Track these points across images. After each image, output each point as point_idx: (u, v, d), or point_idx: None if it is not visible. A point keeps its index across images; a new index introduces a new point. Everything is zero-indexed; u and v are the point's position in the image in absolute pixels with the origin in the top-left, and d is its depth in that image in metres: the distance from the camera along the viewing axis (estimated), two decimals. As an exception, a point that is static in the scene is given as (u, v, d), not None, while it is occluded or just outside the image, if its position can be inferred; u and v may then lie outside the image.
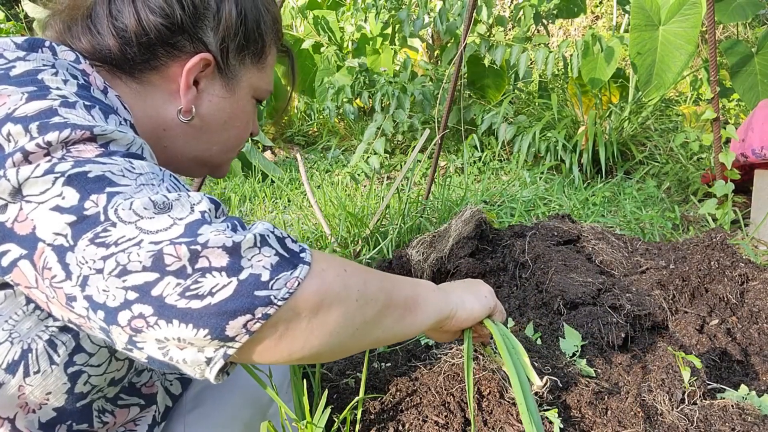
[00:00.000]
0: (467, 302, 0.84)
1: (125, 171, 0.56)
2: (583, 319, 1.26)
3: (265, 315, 0.52)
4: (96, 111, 0.61)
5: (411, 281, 0.75)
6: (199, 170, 0.91)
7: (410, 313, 0.70)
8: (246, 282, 0.51)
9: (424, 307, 0.73)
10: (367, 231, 2.07)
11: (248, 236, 0.53)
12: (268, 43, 0.86)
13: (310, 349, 0.58)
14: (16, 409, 0.67)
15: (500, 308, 0.91)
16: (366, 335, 0.64)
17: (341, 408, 1.08)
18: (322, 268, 0.58)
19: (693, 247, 1.46)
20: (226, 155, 0.91)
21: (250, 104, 0.89)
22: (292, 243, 0.58)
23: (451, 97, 2.30)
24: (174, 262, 0.50)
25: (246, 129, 0.90)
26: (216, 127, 0.85)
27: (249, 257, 0.53)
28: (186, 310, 0.50)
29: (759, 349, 1.20)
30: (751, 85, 3.26)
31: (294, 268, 0.55)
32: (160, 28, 0.75)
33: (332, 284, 0.58)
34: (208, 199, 0.57)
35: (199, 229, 0.52)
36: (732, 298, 1.30)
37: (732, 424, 0.91)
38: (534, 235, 1.62)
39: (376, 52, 4.70)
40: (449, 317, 0.80)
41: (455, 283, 0.89)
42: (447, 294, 0.81)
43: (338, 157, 4.41)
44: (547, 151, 3.54)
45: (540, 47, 3.59)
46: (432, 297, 0.76)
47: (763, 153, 2.16)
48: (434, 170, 2.45)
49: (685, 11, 3.34)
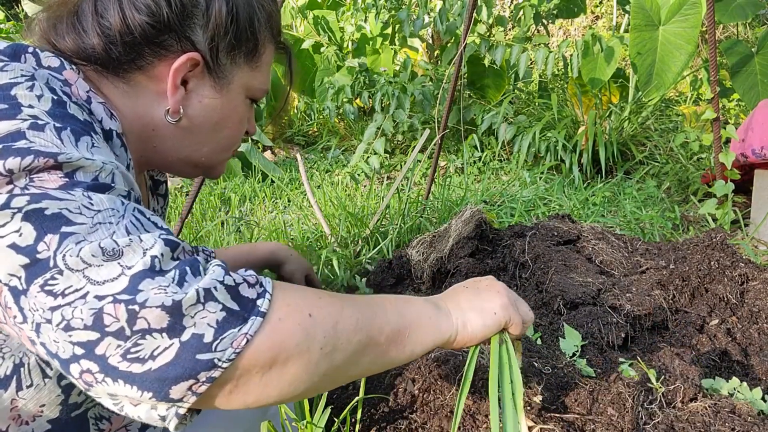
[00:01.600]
0: (471, 323, 0.74)
1: (82, 208, 0.53)
2: (583, 319, 1.26)
3: (209, 378, 0.50)
4: (66, 134, 0.59)
5: (402, 306, 0.68)
6: (192, 171, 0.89)
7: (396, 347, 0.65)
8: (188, 344, 0.49)
9: (415, 337, 0.67)
10: (367, 231, 2.07)
11: (190, 293, 0.50)
12: (261, 42, 0.83)
13: (267, 399, 0.55)
14: (9, 422, 0.66)
15: (518, 320, 0.79)
16: (337, 377, 0.60)
17: (341, 408, 1.08)
18: (280, 317, 0.54)
19: (693, 247, 1.46)
20: (219, 156, 0.89)
21: (243, 104, 0.86)
22: (248, 289, 0.54)
23: (451, 97, 2.30)
24: (113, 323, 0.48)
25: (239, 130, 0.88)
26: (206, 128, 0.83)
27: (192, 315, 0.50)
28: (128, 373, 0.48)
29: (759, 349, 1.20)
30: (751, 85, 3.26)
31: (243, 323, 0.52)
32: (145, 27, 0.73)
33: (290, 336, 0.54)
34: (163, 240, 0.54)
35: (141, 284, 0.49)
36: (732, 298, 1.30)
37: (732, 425, 0.91)
38: (534, 235, 1.62)
39: (376, 52, 4.70)
40: (448, 341, 0.73)
41: (464, 292, 0.79)
42: (447, 315, 0.73)
43: (338, 157, 4.41)
44: (547, 151, 3.54)
45: (540, 47, 3.59)
46: (426, 323, 0.70)
47: (763, 153, 2.16)
48: (434, 170, 2.45)
49: (685, 11, 3.34)
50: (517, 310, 0.79)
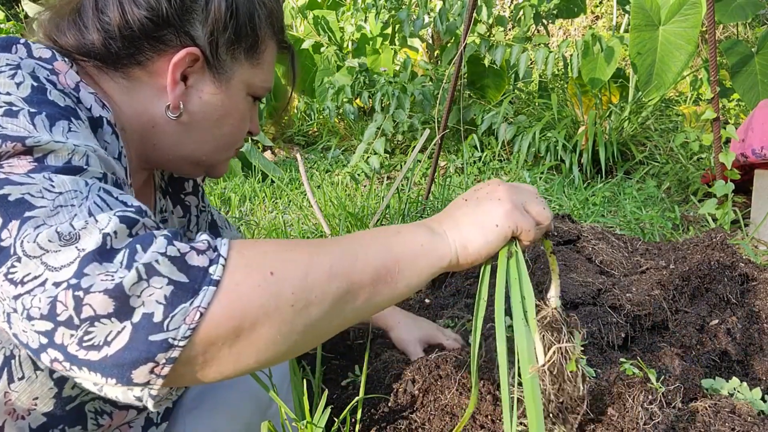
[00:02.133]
0: (471, 241, 0.67)
1: (44, 191, 0.52)
2: (583, 319, 1.26)
3: (169, 359, 0.47)
4: (41, 118, 0.58)
5: (388, 238, 0.63)
6: (194, 170, 0.89)
7: (387, 285, 0.61)
8: (140, 326, 0.47)
9: (408, 269, 0.62)
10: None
11: (131, 272, 0.47)
12: (262, 38, 0.82)
13: (246, 367, 0.53)
14: (5, 417, 0.66)
15: (528, 225, 0.69)
16: (323, 330, 0.57)
17: (341, 408, 1.08)
18: (236, 281, 0.51)
19: (693, 247, 1.46)
20: (221, 155, 0.87)
21: (244, 102, 0.85)
22: (197, 257, 0.51)
23: (451, 97, 2.30)
24: (63, 312, 0.47)
25: (241, 127, 0.86)
26: (207, 125, 0.82)
27: (138, 294, 0.47)
28: (87, 361, 0.47)
29: (759, 349, 1.20)
30: (751, 85, 3.26)
31: (194, 295, 0.48)
32: (144, 22, 0.73)
33: (251, 301, 0.51)
34: (119, 217, 0.51)
35: (87, 267, 0.47)
36: (732, 298, 1.30)
37: (732, 425, 0.91)
38: (534, 235, 1.62)
39: (376, 52, 4.70)
40: (449, 266, 0.67)
41: (462, 206, 0.70)
42: (443, 238, 0.67)
43: (338, 157, 4.41)
44: (547, 151, 3.54)
45: (540, 47, 3.59)
46: (419, 252, 0.64)
47: (763, 153, 2.16)
48: (434, 170, 2.45)
49: (685, 11, 3.34)
50: (526, 214, 0.70)
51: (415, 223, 0.69)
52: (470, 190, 0.74)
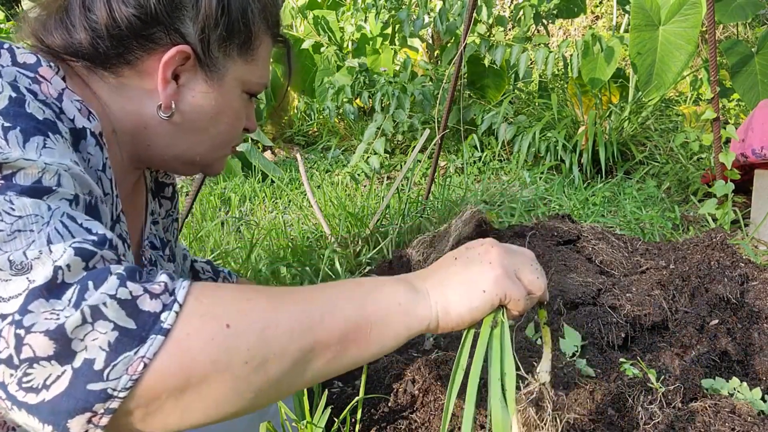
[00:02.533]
0: (454, 305, 0.62)
1: (3, 214, 0.50)
2: (583, 319, 1.26)
3: (108, 410, 0.45)
4: (14, 133, 0.55)
5: (364, 295, 0.59)
6: (189, 169, 0.87)
7: (356, 346, 0.56)
8: (80, 372, 0.44)
9: (381, 331, 0.58)
10: (367, 231, 2.07)
11: (75, 314, 0.45)
12: (256, 34, 0.80)
13: (192, 421, 0.49)
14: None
15: (518, 294, 0.64)
16: (283, 389, 0.53)
17: (341, 408, 1.08)
18: (188, 332, 0.47)
19: (693, 247, 1.46)
20: (216, 153, 0.85)
21: (239, 99, 0.82)
22: (149, 301, 0.48)
23: (451, 97, 2.30)
24: (4, 349, 0.44)
25: (236, 126, 0.84)
26: (200, 124, 0.80)
27: (81, 337, 0.45)
28: (25, 403, 0.45)
29: (759, 349, 1.20)
30: (751, 85, 3.26)
31: (140, 344, 0.46)
32: (132, 20, 0.71)
33: (200, 355, 0.47)
34: (74, 249, 0.49)
35: (32, 304, 0.45)
36: (732, 298, 1.30)
37: (732, 425, 0.91)
38: (534, 235, 1.62)
39: (376, 52, 4.70)
40: (428, 329, 0.62)
41: (451, 264, 0.66)
42: (425, 298, 0.62)
43: (338, 157, 4.41)
44: (547, 151, 3.54)
45: (540, 47, 3.59)
46: (396, 312, 0.59)
47: (763, 153, 2.16)
48: (434, 170, 2.45)
49: (685, 11, 3.34)
50: (517, 282, 0.65)
51: (398, 277, 0.64)
52: (462, 247, 0.69)
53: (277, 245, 2.09)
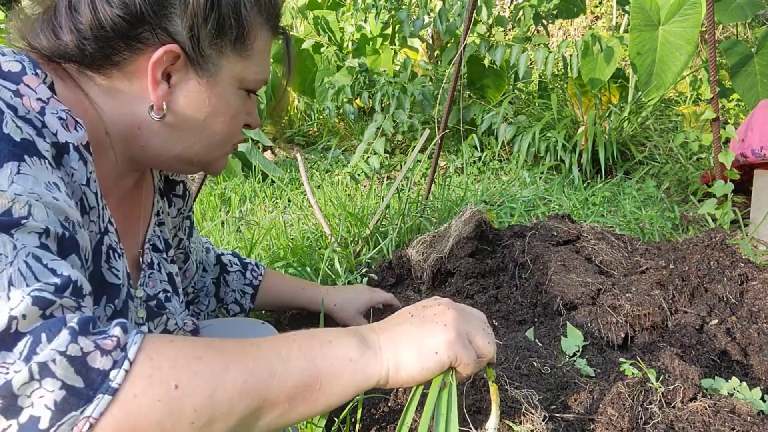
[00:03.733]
0: (405, 364, 0.63)
1: None
2: (583, 319, 1.26)
3: None
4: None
5: (315, 351, 0.59)
6: (188, 168, 0.85)
7: (304, 403, 0.57)
8: (25, 428, 0.44)
9: (330, 387, 0.58)
10: (367, 231, 2.07)
11: (23, 371, 0.44)
12: (250, 28, 0.77)
13: None
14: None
15: (468, 359, 0.65)
16: None
17: (341, 408, 1.08)
18: (135, 393, 0.47)
19: (693, 247, 1.46)
20: (214, 152, 0.83)
21: (236, 96, 0.80)
22: (100, 358, 0.47)
23: (451, 97, 2.31)
24: None
25: (233, 124, 0.82)
26: (195, 124, 0.78)
27: (28, 394, 0.44)
28: None
29: (759, 349, 1.20)
30: (750, 85, 3.26)
31: (87, 403, 0.45)
32: (117, 21, 0.69)
33: (147, 416, 0.47)
34: (32, 298, 0.48)
35: None
36: (732, 298, 1.30)
37: (732, 425, 0.91)
38: (534, 235, 1.62)
39: (376, 52, 4.70)
40: (377, 385, 0.63)
41: (406, 322, 0.67)
42: (376, 355, 0.62)
43: (338, 157, 4.41)
44: (547, 151, 3.55)
45: (540, 47, 3.59)
46: (346, 369, 0.60)
47: (763, 153, 2.16)
48: (434, 170, 2.45)
49: (684, 11, 3.34)
50: (469, 346, 0.67)
51: (353, 329, 0.64)
52: (419, 304, 0.71)
53: (277, 245, 2.09)
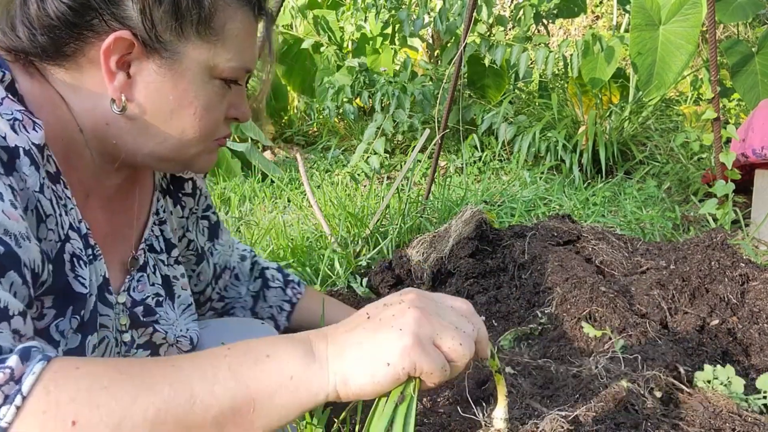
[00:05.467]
0: (354, 377, 0.54)
1: None
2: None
3: None
4: None
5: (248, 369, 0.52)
6: (168, 166, 0.79)
7: (235, 427, 0.50)
8: None
9: (267, 409, 0.51)
10: (367, 231, 2.07)
11: None
12: (215, 8, 0.70)
13: None
14: None
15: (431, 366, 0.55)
16: None
17: (341, 408, 1.08)
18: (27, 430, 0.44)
19: (693, 247, 1.46)
20: (191, 149, 0.77)
21: (207, 87, 0.73)
22: None
23: (451, 97, 2.30)
24: None
25: (210, 117, 0.75)
26: (161, 118, 0.72)
27: None
28: None
29: (759, 349, 1.20)
30: (751, 85, 3.25)
31: None
32: (62, 9, 0.66)
33: None
34: None
35: None
36: (732, 298, 1.30)
37: (732, 424, 0.91)
38: (534, 235, 1.62)
39: (376, 52, 4.70)
40: (326, 400, 0.55)
41: (359, 326, 0.57)
42: (321, 368, 0.54)
43: (338, 157, 4.41)
44: (547, 151, 3.54)
45: (540, 47, 3.59)
46: (286, 387, 0.52)
47: (764, 153, 2.16)
48: (434, 170, 2.45)
49: (685, 11, 3.34)
50: (432, 352, 0.55)
51: (298, 338, 0.57)
52: (381, 301, 0.61)
53: (277, 245, 2.09)
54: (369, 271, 1.74)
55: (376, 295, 1.64)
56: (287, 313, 1.20)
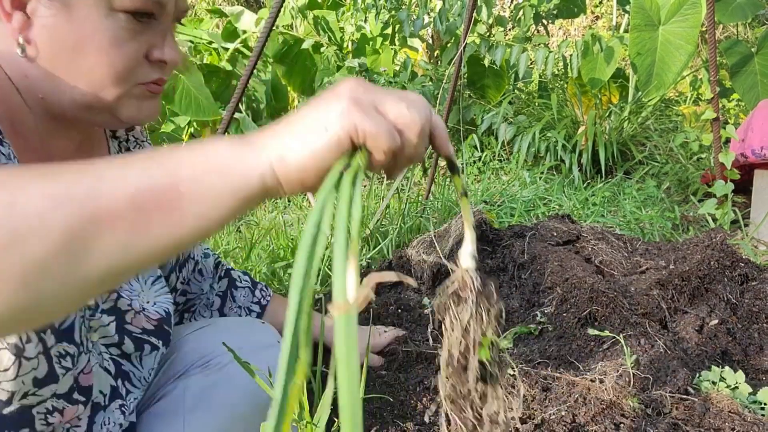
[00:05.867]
0: (291, 151, 0.48)
1: None
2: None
3: None
4: None
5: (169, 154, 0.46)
6: (97, 118, 0.74)
7: (161, 213, 0.44)
8: None
9: (199, 192, 0.45)
10: (367, 231, 2.07)
11: None
12: None
13: None
14: None
15: (375, 127, 0.48)
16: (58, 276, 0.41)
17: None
18: None
19: (693, 247, 1.46)
20: (108, 92, 0.71)
21: (107, 21, 0.67)
22: None
23: (451, 97, 2.30)
24: None
25: (119, 54, 0.69)
26: (65, 58, 0.68)
27: None
28: None
29: (759, 349, 1.20)
30: (751, 85, 3.26)
31: None
32: None
33: None
34: None
35: None
36: (732, 298, 1.30)
37: (732, 424, 0.91)
38: (533, 235, 1.62)
39: (376, 52, 4.70)
40: (263, 186, 0.48)
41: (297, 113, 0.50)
42: (254, 148, 0.48)
43: (338, 157, 4.41)
44: (547, 151, 3.54)
45: (540, 47, 3.59)
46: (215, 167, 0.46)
47: (763, 153, 2.16)
48: (434, 170, 2.45)
49: (685, 11, 3.34)
50: (373, 114, 0.49)
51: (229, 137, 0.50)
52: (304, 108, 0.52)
53: (277, 245, 2.09)
54: (369, 271, 1.74)
55: (376, 295, 1.65)
56: (256, 314, 1.18)
